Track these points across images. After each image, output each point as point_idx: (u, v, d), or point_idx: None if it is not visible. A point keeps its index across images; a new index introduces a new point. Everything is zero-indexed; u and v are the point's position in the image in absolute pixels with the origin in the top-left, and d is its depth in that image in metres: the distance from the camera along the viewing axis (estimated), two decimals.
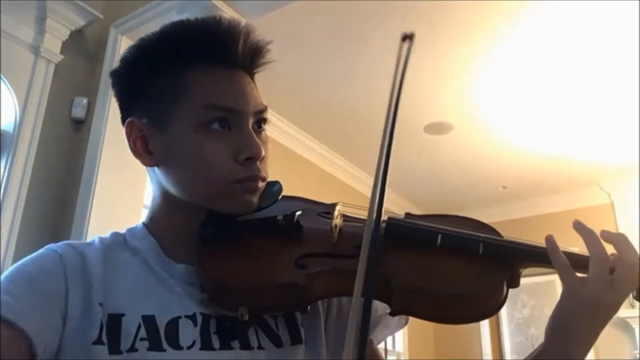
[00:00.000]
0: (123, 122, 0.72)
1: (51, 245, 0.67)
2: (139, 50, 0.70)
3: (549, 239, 0.63)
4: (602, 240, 0.62)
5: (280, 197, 0.72)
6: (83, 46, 2.68)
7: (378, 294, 0.62)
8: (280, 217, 0.68)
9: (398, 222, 0.68)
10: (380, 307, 0.73)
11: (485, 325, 5.27)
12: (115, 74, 0.72)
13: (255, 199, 0.68)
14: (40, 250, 0.66)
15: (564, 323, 0.64)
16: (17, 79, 2.37)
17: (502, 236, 0.68)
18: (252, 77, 0.73)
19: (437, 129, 4.02)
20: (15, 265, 0.64)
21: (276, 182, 0.73)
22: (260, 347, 0.65)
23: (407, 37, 0.64)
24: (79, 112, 2.54)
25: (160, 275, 0.67)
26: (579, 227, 0.64)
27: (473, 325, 5.22)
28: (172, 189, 0.69)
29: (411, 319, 0.74)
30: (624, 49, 3.10)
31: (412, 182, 4.84)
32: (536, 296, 4.97)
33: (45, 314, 0.59)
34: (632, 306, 4.52)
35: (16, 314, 0.56)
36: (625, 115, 3.76)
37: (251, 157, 0.66)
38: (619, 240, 0.62)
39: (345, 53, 3.23)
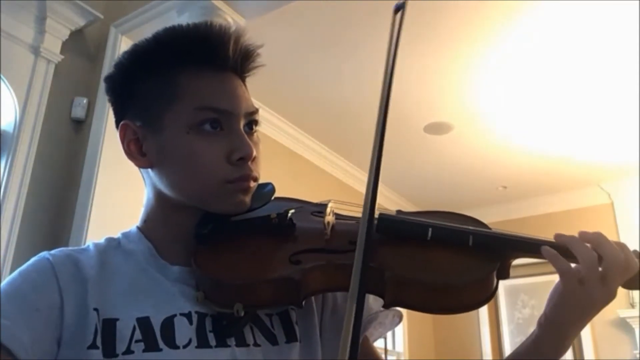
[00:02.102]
0: (117, 125, 0.73)
1: (44, 254, 0.68)
2: (133, 55, 0.72)
3: (546, 250, 0.64)
4: (588, 239, 0.65)
5: (273, 197, 0.74)
6: (83, 46, 2.69)
7: (372, 287, 0.64)
8: (274, 216, 0.69)
9: (390, 217, 0.70)
10: (374, 304, 0.74)
11: (485, 325, 5.27)
12: (110, 79, 0.74)
13: (247, 199, 0.70)
14: (33, 260, 0.67)
15: (559, 318, 0.66)
16: (17, 79, 2.37)
17: (490, 229, 0.70)
18: (243, 80, 0.74)
19: (437, 129, 4.02)
20: (9, 279, 0.65)
21: (268, 183, 0.75)
22: (256, 344, 0.65)
23: (400, 9, 0.66)
24: (79, 112, 2.54)
25: (155, 276, 0.68)
26: (559, 238, 0.65)
27: (473, 325, 5.22)
28: (166, 190, 0.70)
29: (409, 318, 0.75)
30: (624, 49, 3.10)
31: (412, 182, 4.85)
32: (536, 296, 4.98)
33: (33, 330, 0.59)
34: (632, 306, 4.52)
35: (3, 333, 0.57)
36: (625, 115, 3.76)
37: (243, 158, 0.68)
38: (598, 238, 0.64)
39: (344, 53, 3.23)
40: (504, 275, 0.67)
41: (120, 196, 2.39)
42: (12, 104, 2.35)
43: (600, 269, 0.62)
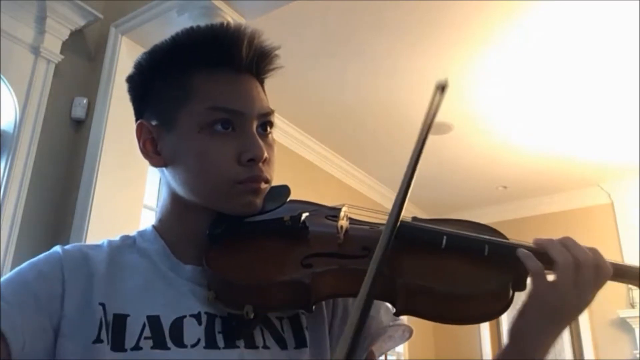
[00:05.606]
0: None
1: (57, 247, 0.69)
2: (151, 56, 0.73)
3: (521, 252, 0.64)
4: (569, 245, 0.64)
5: (287, 199, 0.73)
6: (83, 46, 2.69)
7: (383, 294, 0.63)
8: (287, 218, 0.69)
9: (405, 224, 0.68)
10: (385, 317, 0.73)
11: (485, 325, 5.27)
12: (130, 79, 0.75)
13: (257, 201, 0.70)
14: (46, 252, 0.68)
15: (528, 324, 0.65)
16: (17, 79, 2.37)
17: (508, 239, 0.69)
18: (260, 82, 0.75)
19: (437, 129, 4.02)
20: (19, 267, 0.66)
21: (284, 186, 0.74)
22: (265, 347, 0.65)
23: (442, 86, 0.71)
24: (79, 112, 2.54)
25: (168, 275, 0.68)
26: (538, 242, 0.65)
27: (473, 326, 5.21)
28: (179, 189, 0.71)
29: (409, 318, 0.74)
30: (624, 49, 3.10)
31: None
32: None
33: (28, 315, 0.60)
34: (632, 306, 4.52)
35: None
36: (625, 115, 3.76)
37: (253, 159, 0.67)
38: (567, 241, 0.64)
39: (345, 54, 3.23)
40: (521, 286, 0.65)
41: (120, 196, 2.39)
42: (12, 104, 2.35)
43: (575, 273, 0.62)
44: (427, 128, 0.68)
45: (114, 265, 0.68)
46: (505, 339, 0.65)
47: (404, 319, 0.72)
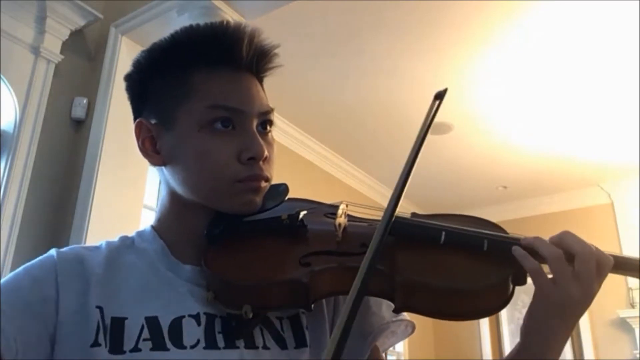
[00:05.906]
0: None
1: (52, 250, 0.68)
2: (150, 54, 0.72)
3: (517, 250, 0.63)
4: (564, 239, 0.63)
5: (286, 198, 0.73)
6: (83, 46, 2.69)
7: (381, 290, 0.63)
8: (285, 217, 0.68)
9: (402, 220, 0.68)
10: (387, 313, 0.73)
11: (485, 325, 5.27)
12: (128, 78, 0.74)
13: (257, 199, 0.69)
14: (42, 256, 0.68)
15: (537, 323, 0.64)
16: (17, 79, 2.37)
17: (508, 234, 0.68)
18: (260, 81, 0.74)
19: (437, 129, 4.02)
20: (14, 272, 0.65)
21: (282, 184, 0.74)
22: (265, 347, 0.65)
23: (440, 97, 0.70)
24: (79, 112, 2.54)
25: (166, 275, 0.68)
26: (525, 241, 0.64)
27: (473, 325, 5.22)
28: (178, 188, 0.71)
29: (409, 317, 0.74)
30: (624, 49, 3.10)
31: (412, 182, 4.78)
32: None
33: (20, 322, 0.60)
34: (632, 306, 4.52)
35: None
36: (625, 115, 3.76)
37: (253, 157, 0.67)
38: (565, 236, 0.63)
39: (345, 54, 3.23)
40: (521, 281, 0.64)
41: (120, 196, 2.39)
42: (12, 104, 2.35)
43: (573, 266, 0.61)
44: (424, 134, 0.69)
45: (111, 266, 0.68)
46: (506, 337, 0.64)
47: (405, 314, 0.72)
